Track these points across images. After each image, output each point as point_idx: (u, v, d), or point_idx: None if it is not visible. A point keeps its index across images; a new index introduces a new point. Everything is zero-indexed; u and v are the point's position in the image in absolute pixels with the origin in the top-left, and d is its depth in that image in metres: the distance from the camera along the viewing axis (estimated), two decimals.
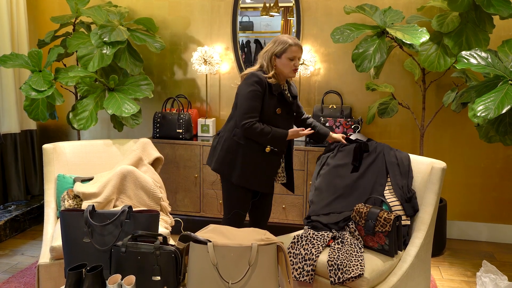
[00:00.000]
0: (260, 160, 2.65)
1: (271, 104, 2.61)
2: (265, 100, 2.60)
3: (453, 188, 3.87)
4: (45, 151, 3.08)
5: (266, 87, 2.59)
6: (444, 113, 3.74)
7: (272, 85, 2.60)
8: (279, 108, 2.64)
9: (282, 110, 2.67)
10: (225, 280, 1.88)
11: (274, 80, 2.62)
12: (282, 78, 2.68)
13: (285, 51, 2.60)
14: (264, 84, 2.58)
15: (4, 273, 3.25)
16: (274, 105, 2.62)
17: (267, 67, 2.63)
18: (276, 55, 2.61)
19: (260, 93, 2.57)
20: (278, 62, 2.62)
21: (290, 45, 2.59)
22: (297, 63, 2.62)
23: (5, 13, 3.96)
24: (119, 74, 3.80)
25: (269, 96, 2.60)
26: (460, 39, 3.15)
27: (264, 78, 2.59)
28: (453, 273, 3.33)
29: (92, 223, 2.17)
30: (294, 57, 2.61)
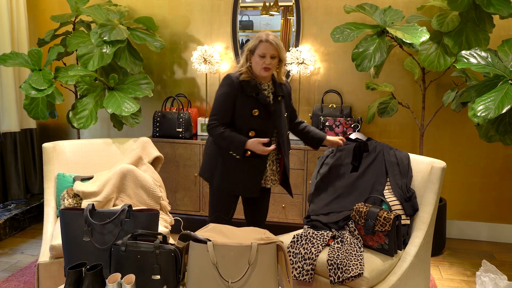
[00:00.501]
0: (241, 164, 2.55)
1: (247, 105, 2.51)
2: (238, 101, 2.51)
3: (453, 187, 3.87)
4: (45, 150, 3.08)
5: (239, 88, 2.50)
6: (444, 112, 3.74)
7: (246, 86, 2.50)
8: (256, 109, 2.52)
9: (260, 111, 2.53)
10: (224, 279, 1.88)
11: (248, 75, 2.52)
12: (258, 76, 2.56)
13: (256, 48, 2.50)
14: (235, 85, 2.50)
15: (4, 272, 3.25)
16: (250, 106, 2.52)
17: (243, 63, 2.56)
18: (250, 51, 2.53)
19: (230, 95, 2.50)
20: (253, 59, 2.53)
21: (260, 41, 2.48)
22: (267, 61, 2.47)
23: (5, 12, 3.96)
24: (119, 73, 3.79)
25: (243, 97, 2.51)
26: (460, 38, 3.15)
27: (236, 79, 2.51)
28: (452, 272, 3.33)
29: (92, 222, 2.17)
30: (264, 54, 2.47)
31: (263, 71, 2.50)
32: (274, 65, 2.53)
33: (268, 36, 2.49)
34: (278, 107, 2.61)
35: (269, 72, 2.52)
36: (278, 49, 2.49)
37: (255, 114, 2.52)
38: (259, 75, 2.54)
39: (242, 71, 2.54)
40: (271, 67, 2.51)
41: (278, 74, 2.61)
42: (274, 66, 2.53)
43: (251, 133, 2.53)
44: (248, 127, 2.53)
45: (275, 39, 2.49)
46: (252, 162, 2.56)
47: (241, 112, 2.52)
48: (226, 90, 2.52)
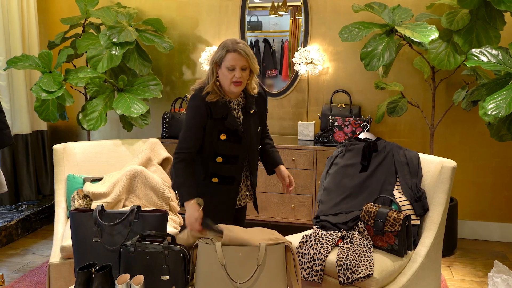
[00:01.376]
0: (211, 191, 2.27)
1: (214, 129, 2.21)
2: (208, 124, 2.20)
3: (464, 187, 3.83)
4: (56, 151, 3.11)
5: (208, 111, 2.18)
6: (454, 111, 3.70)
7: (213, 108, 2.18)
8: (224, 133, 2.20)
9: (228, 135, 2.22)
10: (233, 280, 1.88)
11: (215, 96, 2.18)
12: (227, 92, 2.20)
13: (223, 59, 2.14)
14: (203, 109, 2.17)
15: (16, 272, 3.29)
16: (217, 130, 2.21)
17: (208, 79, 2.21)
18: (216, 63, 2.17)
19: (199, 120, 2.19)
20: (220, 72, 2.17)
21: (227, 52, 2.12)
22: (237, 74, 2.11)
23: (16, 15, 4.01)
24: (128, 75, 3.82)
25: (212, 119, 2.19)
26: (470, 36, 3.12)
27: (202, 101, 2.17)
28: (464, 273, 3.30)
29: (101, 223, 2.19)
30: (233, 67, 2.11)
31: (233, 86, 2.15)
32: (245, 78, 2.17)
33: (236, 44, 2.12)
34: (250, 124, 2.29)
35: (241, 87, 2.17)
36: (249, 59, 2.13)
37: (223, 139, 2.22)
38: (229, 91, 2.19)
39: (208, 90, 2.19)
40: (242, 80, 2.15)
41: (249, 86, 2.25)
42: (245, 78, 2.17)
43: (218, 159, 2.24)
44: (215, 153, 2.24)
45: (244, 48, 2.12)
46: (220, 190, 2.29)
47: (208, 137, 2.22)
48: (194, 115, 2.20)
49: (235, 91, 2.19)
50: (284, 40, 4.06)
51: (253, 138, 2.32)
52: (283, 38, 4.07)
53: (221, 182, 2.29)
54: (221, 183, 2.29)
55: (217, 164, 2.26)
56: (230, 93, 2.21)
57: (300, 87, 4.03)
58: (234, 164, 2.28)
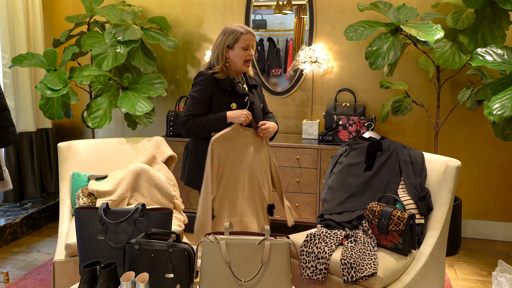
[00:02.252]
0: None
1: (224, 100, 2.47)
2: (215, 98, 2.47)
3: (468, 186, 3.83)
4: (60, 149, 3.12)
5: (214, 83, 2.46)
6: (459, 111, 3.70)
7: (221, 80, 2.46)
8: (234, 103, 2.47)
9: (238, 104, 2.49)
10: (237, 278, 1.89)
11: (223, 74, 2.47)
12: (234, 71, 2.53)
13: (237, 41, 2.45)
14: (210, 81, 2.45)
15: (21, 270, 3.30)
16: (227, 101, 2.47)
17: (217, 61, 2.49)
18: (228, 47, 2.47)
19: (205, 91, 2.46)
20: (231, 54, 2.47)
21: (241, 34, 2.44)
22: (251, 53, 2.47)
23: (21, 13, 4.02)
24: (133, 73, 3.83)
25: (219, 92, 2.46)
26: (475, 36, 3.11)
27: (210, 75, 2.46)
28: (468, 272, 3.30)
29: (106, 220, 2.19)
30: (248, 46, 2.45)
31: (245, 65, 2.48)
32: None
33: (245, 27, 2.47)
34: (254, 99, 2.57)
35: (250, 64, 2.52)
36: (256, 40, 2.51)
37: (234, 108, 2.48)
38: (239, 69, 2.50)
39: (216, 70, 2.48)
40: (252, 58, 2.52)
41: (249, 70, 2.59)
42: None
43: None
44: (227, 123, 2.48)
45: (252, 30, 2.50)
46: None
47: (219, 109, 2.47)
48: (201, 86, 2.47)
49: (246, 70, 2.52)
50: (288, 39, 4.06)
51: (258, 111, 2.59)
52: (287, 37, 4.07)
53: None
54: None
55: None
56: (238, 72, 2.52)
57: (304, 86, 4.03)
58: None
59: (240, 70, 2.52)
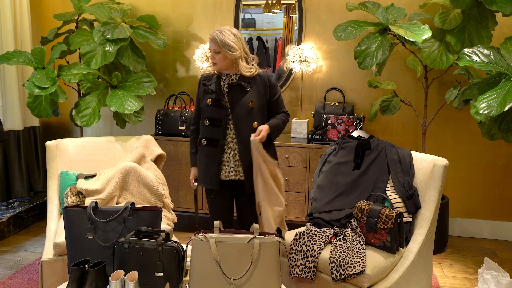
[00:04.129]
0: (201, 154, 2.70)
1: (204, 97, 2.66)
2: (200, 94, 2.70)
3: (455, 185, 3.87)
4: (48, 148, 3.10)
5: (201, 82, 2.69)
6: (446, 110, 3.74)
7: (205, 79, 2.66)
8: (209, 98, 2.61)
9: (213, 99, 2.59)
10: (227, 276, 1.90)
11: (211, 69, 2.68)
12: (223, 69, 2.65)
13: None
14: (200, 81, 2.70)
15: (8, 269, 3.27)
16: (206, 97, 2.64)
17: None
18: None
19: (198, 91, 2.73)
20: None
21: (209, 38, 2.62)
22: (211, 56, 2.60)
23: (8, 10, 3.97)
24: (122, 71, 3.81)
25: (203, 88, 2.67)
26: (462, 36, 3.15)
27: (202, 75, 2.71)
28: (455, 270, 3.34)
29: (95, 219, 2.19)
30: (210, 49, 2.62)
31: (212, 64, 2.64)
32: (220, 60, 2.56)
33: (214, 31, 2.57)
34: (237, 97, 2.58)
35: (216, 66, 2.60)
36: (219, 45, 2.52)
37: (209, 103, 2.62)
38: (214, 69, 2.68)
39: (209, 65, 2.72)
40: (216, 61, 2.58)
41: (239, 68, 2.57)
42: (219, 60, 2.57)
43: (205, 122, 2.63)
44: (204, 117, 2.65)
45: (218, 35, 2.53)
46: (207, 151, 2.65)
47: (202, 104, 2.68)
48: (197, 90, 2.75)
49: (214, 69, 2.64)
50: (277, 38, 4.08)
51: (240, 109, 2.59)
52: (276, 36, 4.08)
53: (207, 144, 2.64)
54: (208, 144, 2.64)
55: (205, 127, 2.64)
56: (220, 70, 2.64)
57: (293, 85, 4.04)
58: (218, 127, 2.60)
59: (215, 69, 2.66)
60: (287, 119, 2.75)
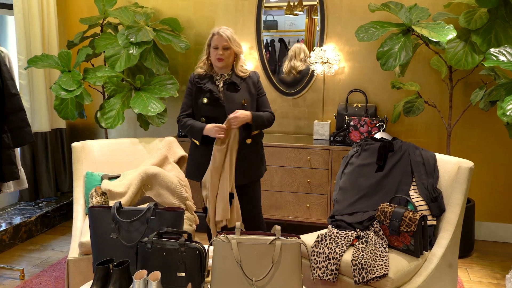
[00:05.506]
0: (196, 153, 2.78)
1: (199, 95, 2.73)
2: (193, 93, 2.76)
3: (482, 188, 3.79)
4: (74, 149, 3.16)
5: (194, 81, 2.76)
6: (472, 111, 3.67)
7: (199, 79, 2.74)
8: (205, 97, 2.70)
9: (209, 98, 2.70)
10: (248, 277, 1.90)
11: (202, 70, 2.76)
12: (215, 67, 2.76)
13: (211, 40, 2.72)
14: (192, 79, 2.78)
15: (35, 267, 3.35)
16: (201, 95, 2.72)
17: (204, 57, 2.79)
18: (208, 45, 2.76)
19: (189, 89, 2.79)
20: (210, 52, 2.74)
21: (213, 35, 2.70)
22: (219, 52, 2.67)
23: (36, 15, 4.08)
24: (145, 74, 3.86)
25: (196, 88, 2.75)
26: (488, 35, 3.09)
27: (193, 74, 2.80)
28: (481, 275, 3.27)
29: (119, 219, 2.22)
30: (216, 46, 2.68)
31: (217, 61, 2.69)
32: (228, 56, 2.69)
33: (220, 29, 2.69)
34: (232, 95, 2.72)
35: (223, 62, 2.70)
36: (229, 41, 2.67)
37: (204, 102, 2.71)
38: (215, 65, 2.74)
39: (199, 65, 2.80)
40: (224, 57, 2.68)
41: (236, 67, 2.75)
42: (227, 56, 2.69)
43: (202, 120, 2.72)
44: (200, 115, 2.74)
45: (226, 32, 2.68)
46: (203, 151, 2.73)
47: (196, 102, 2.75)
48: (187, 86, 2.82)
49: (219, 66, 2.71)
50: (299, 40, 4.07)
51: (234, 107, 2.69)
52: (298, 37, 4.07)
53: (202, 143, 2.71)
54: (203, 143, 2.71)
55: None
56: (217, 68, 2.74)
57: (315, 86, 4.03)
58: None
59: (215, 65, 2.74)
60: (272, 118, 2.85)
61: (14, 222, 3.77)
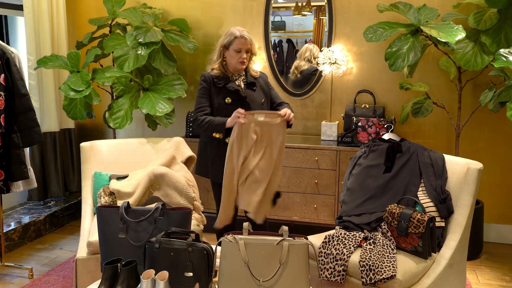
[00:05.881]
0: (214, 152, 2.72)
1: (220, 96, 2.69)
2: (212, 93, 2.71)
3: (491, 190, 3.76)
4: (83, 149, 3.18)
5: (211, 81, 2.71)
6: (481, 112, 3.64)
7: (216, 77, 2.70)
8: (228, 97, 2.67)
9: (232, 98, 2.68)
10: (256, 278, 1.90)
11: (218, 71, 2.72)
12: (232, 69, 2.74)
13: (231, 43, 2.67)
14: (208, 79, 2.72)
15: (44, 266, 3.38)
16: (223, 96, 2.68)
17: (216, 59, 2.75)
18: (225, 47, 2.71)
19: (205, 88, 2.72)
20: (227, 54, 2.71)
21: (236, 37, 2.66)
22: (243, 55, 2.67)
23: (46, 16, 4.11)
24: (153, 74, 3.87)
25: (215, 88, 2.70)
26: (498, 36, 3.07)
27: (208, 74, 2.74)
28: (490, 277, 3.24)
29: (127, 219, 2.23)
30: (240, 49, 2.66)
31: (240, 64, 2.69)
32: (248, 58, 2.73)
33: (243, 32, 2.68)
34: (252, 94, 2.74)
35: (245, 65, 2.72)
36: (252, 44, 2.70)
37: (228, 102, 2.68)
38: (235, 68, 2.72)
39: (214, 67, 2.75)
40: (246, 60, 2.70)
41: (250, 67, 2.78)
42: (248, 59, 2.72)
43: None
44: (220, 115, 2.66)
45: (248, 35, 2.69)
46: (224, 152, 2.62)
47: (216, 103, 2.70)
48: (202, 85, 2.74)
49: (241, 68, 2.72)
50: (307, 40, 4.06)
51: (255, 107, 2.71)
52: (306, 38, 4.07)
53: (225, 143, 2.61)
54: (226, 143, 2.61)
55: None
56: (235, 70, 2.74)
57: (323, 87, 4.02)
58: None
59: (235, 68, 2.72)
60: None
61: (23, 221, 3.80)
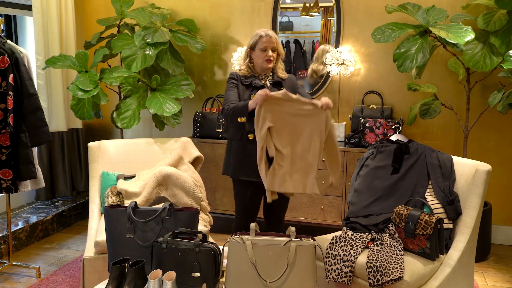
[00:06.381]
0: (248, 148, 2.69)
1: (246, 93, 2.74)
2: (239, 90, 2.77)
3: (499, 191, 3.74)
4: (90, 149, 3.20)
5: (239, 79, 2.78)
6: (490, 114, 3.62)
7: (243, 76, 2.77)
8: (254, 94, 2.67)
9: None
10: (263, 278, 1.90)
11: (246, 71, 2.79)
12: (259, 69, 2.79)
13: (257, 43, 2.74)
14: (236, 76, 2.80)
15: (51, 266, 3.40)
16: (248, 93, 2.73)
17: (243, 60, 2.84)
18: (251, 48, 2.78)
19: (234, 83, 2.78)
20: (253, 55, 2.78)
21: (260, 37, 2.73)
22: (269, 54, 2.71)
23: (54, 16, 4.13)
24: (161, 75, 3.89)
25: (242, 86, 2.77)
26: (508, 37, 3.04)
27: (236, 73, 2.82)
28: (498, 279, 3.22)
29: (134, 219, 2.24)
30: (265, 48, 2.71)
31: (265, 63, 2.74)
32: (275, 57, 2.77)
33: (267, 31, 2.75)
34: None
35: (272, 63, 2.76)
36: (277, 43, 2.76)
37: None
38: (262, 67, 2.77)
39: (241, 68, 2.83)
40: (273, 58, 2.74)
41: (276, 67, 2.81)
42: (274, 58, 2.76)
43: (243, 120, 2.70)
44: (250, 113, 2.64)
45: (273, 34, 2.75)
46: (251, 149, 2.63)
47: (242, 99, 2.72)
48: (230, 81, 2.80)
49: (267, 67, 2.75)
50: (315, 41, 4.06)
51: None
52: (314, 39, 4.06)
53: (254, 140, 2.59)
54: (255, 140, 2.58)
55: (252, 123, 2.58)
56: (262, 69, 2.78)
57: (331, 88, 4.02)
58: None
59: (262, 67, 2.76)
60: None
61: (31, 220, 3.82)
